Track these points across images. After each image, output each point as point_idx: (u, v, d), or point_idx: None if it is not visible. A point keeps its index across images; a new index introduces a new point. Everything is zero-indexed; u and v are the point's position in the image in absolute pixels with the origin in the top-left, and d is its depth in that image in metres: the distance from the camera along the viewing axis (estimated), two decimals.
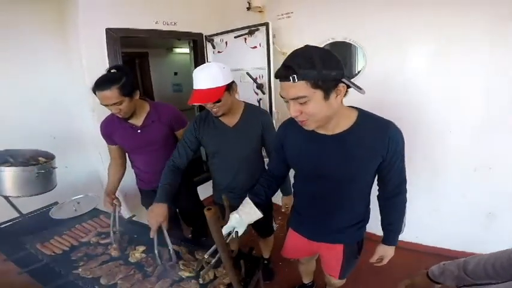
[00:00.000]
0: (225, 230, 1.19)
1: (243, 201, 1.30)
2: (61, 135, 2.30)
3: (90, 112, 2.27)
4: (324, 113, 0.95)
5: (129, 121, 1.67)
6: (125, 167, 1.88)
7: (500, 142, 1.97)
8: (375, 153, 1.04)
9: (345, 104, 1.04)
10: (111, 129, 1.71)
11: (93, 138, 2.39)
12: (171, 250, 1.34)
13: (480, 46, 1.84)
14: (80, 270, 1.27)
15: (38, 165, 1.61)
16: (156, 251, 1.31)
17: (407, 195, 1.20)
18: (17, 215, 1.74)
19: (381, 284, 2.03)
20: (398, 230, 1.25)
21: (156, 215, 1.38)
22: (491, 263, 0.79)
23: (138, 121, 1.69)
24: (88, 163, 2.50)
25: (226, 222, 1.09)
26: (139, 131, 1.69)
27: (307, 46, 0.92)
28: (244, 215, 1.23)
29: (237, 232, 1.21)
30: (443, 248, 2.36)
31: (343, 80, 0.90)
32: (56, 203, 1.88)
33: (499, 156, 2.00)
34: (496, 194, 2.07)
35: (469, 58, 1.89)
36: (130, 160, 1.90)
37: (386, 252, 1.30)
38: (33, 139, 1.92)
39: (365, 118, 1.06)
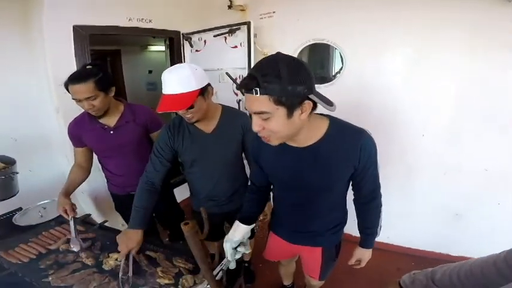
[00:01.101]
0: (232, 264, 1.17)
1: (234, 225, 1.23)
2: (24, 137, 2.13)
3: (55, 113, 2.13)
4: (286, 131, 0.90)
5: (101, 121, 1.58)
6: (89, 173, 1.76)
7: (469, 146, 2.06)
8: (347, 162, 1.03)
9: (318, 111, 1.00)
10: (80, 130, 1.60)
11: (58, 140, 2.25)
12: (130, 277, 1.22)
13: (455, 52, 1.92)
14: (50, 278, 1.19)
15: None
16: (120, 277, 1.19)
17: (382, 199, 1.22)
18: None
19: (356, 283, 2.08)
20: (375, 233, 1.26)
21: (128, 240, 1.28)
22: (456, 272, 0.81)
23: (110, 121, 1.60)
24: (54, 166, 2.34)
25: (206, 235, 1.05)
26: (111, 132, 1.60)
27: (277, 55, 0.85)
28: (233, 234, 1.19)
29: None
30: (413, 248, 2.45)
31: (311, 96, 0.85)
32: (19, 209, 1.75)
33: (468, 160, 2.10)
34: (462, 196, 2.17)
35: (444, 63, 1.96)
36: (100, 163, 1.79)
37: (363, 255, 1.32)
38: None
39: (336, 127, 1.03)
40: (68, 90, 1.41)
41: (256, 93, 0.81)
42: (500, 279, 0.71)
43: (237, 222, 1.23)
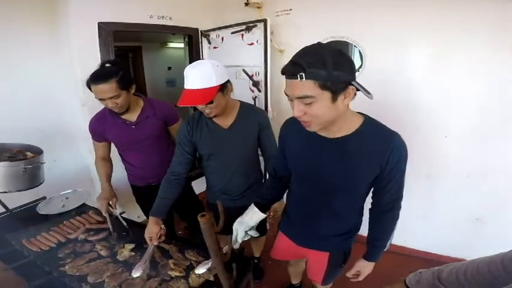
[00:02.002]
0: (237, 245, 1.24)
1: (250, 211, 1.28)
2: (50, 129, 2.24)
3: (80, 106, 2.22)
4: (328, 116, 0.90)
5: (123, 117, 1.64)
6: (112, 163, 1.84)
7: (495, 149, 1.96)
8: (373, 164, 0.99)
9: (351, 108, 0.99)
10: (103, 126, 1.67)
11: (83, 132, 2.33)
12: (146, 265, 1.27)
13: (480, 50, 1.82)
14: (67, 267, 1.25)
15: (25, 161, 1.57)
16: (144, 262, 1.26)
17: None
18: (3, 210, 1.69)
19: (366, 285, 2.02)
20: (383, 247, 1.19)
21: (151, 233, 1.37)
22: (462, 272, 0.80)
23: (132, 117, 1.65)
24: (77, 157, 2.45)
25: (221, 228, 1.06)
26: (133, 126, 1.66)
27: (319, 44, 0.87)
28: (249, 219, 1.23)
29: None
30: (429, 252, 2.38)
31: (353, 82, 0.86)
32: (43, 198, 1.85)
33: (493, 163, 1.99)
34: (486, 200, 2.07)
35: (468, 62, 1.87)
36: (120, 156, 1.86)
37: (364, 268, 1.27)
38: (21, 132, 1.88)
39: (370, 126, 1.00)
40: (90, 89, 1.46)
41: (302, 78, 0.81)
42: (507, 278, 0.70)
43: (252, 207, 1.27)
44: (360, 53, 2.24)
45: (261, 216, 1.25)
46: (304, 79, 0.81)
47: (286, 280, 2.02)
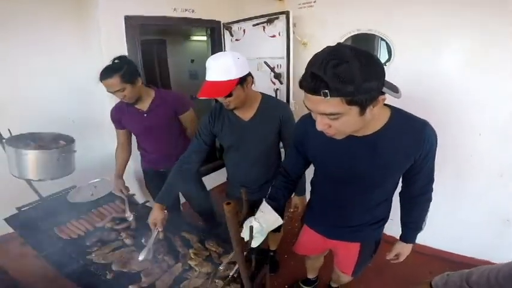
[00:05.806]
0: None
1: (261, 207, 1.16)
2: (80, 119, 2.36)
3: (107, 97, 2.30)
4: (356, 127, 0.84)
5: (136, 106, 1.76)
6: (131, 151, 1.99)
7: None
8: (407, 156, 0.96)
9: None
10: (120, 114, 1.82)
11: (110, 122, 2.42)
12: (150, 249, 1.33)
13: None
14: (94, 255, 1.32)
15: (59, 149, 1.64)
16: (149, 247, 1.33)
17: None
18: (36, 197, 1.80)
19: (384, 282, 1.99)
20: (419, 229, 1.20)
21: (151, 215, 1.44)
22: (494, 274, 0.76)
23: (144, 106, 1.78)
24: (105, 147, 2.54)
25: (244, 216, 1.05)
26: (145, 115, 1.77)
27: (340, 48, 0.73)
28: (266, 223, 1.10)
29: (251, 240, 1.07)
30: (450, 252, 2.29)
31: (383, 89, 0.77)
32: (73, 187, 1.93)
33: None
34: None
35: (506, 59, 1.75)
36: (137, 142, 1.99)
37: (403, 249, 1.27)
38: (53, 123, 1.98)
39: (398, 118, 0.94)
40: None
41: (326, 96, 0.71)
42: None
43: (266, 206, 1.15)
44: (387, 46, 2.15)
45: (281, 223, 1.14)
46: (328, 96, 0.71)
47: (301, 274, 2.01)
